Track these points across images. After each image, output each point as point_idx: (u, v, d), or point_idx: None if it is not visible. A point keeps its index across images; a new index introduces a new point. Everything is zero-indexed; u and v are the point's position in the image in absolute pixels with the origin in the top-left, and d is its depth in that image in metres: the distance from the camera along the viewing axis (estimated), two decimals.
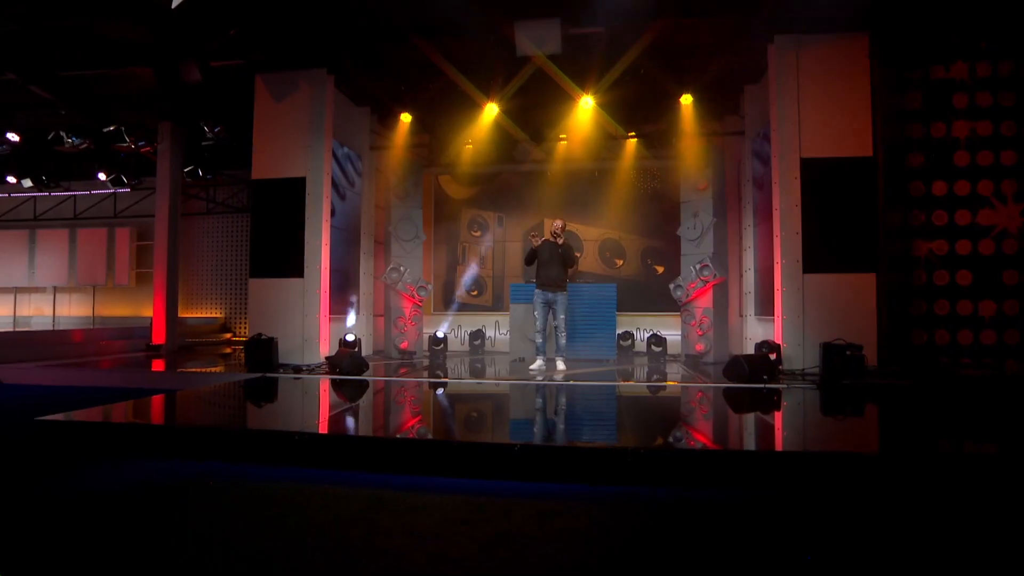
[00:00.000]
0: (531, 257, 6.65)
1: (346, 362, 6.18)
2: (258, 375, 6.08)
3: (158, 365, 7.35)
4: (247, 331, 7.46)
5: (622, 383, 5.81)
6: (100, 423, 3.54)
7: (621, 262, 9.41)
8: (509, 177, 9.51)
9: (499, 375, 6.90)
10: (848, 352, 5.47)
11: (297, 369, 6.41)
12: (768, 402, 4.91)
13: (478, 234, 9.81)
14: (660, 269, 9.29)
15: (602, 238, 9.46)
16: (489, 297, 9.74)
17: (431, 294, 8.69)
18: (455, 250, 9.81)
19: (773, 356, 6.03)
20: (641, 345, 8.78)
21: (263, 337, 6.72)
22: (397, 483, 3.02)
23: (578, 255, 9.21)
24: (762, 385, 5.30)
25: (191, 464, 3.33)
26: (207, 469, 3.25)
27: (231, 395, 5.28)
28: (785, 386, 5.30)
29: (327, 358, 6.89)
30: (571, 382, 5.87)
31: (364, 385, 5.84)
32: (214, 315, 11.61)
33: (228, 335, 11.35)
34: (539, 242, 6.53)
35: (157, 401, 4.62)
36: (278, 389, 5.59)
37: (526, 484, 3.00)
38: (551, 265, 6.59)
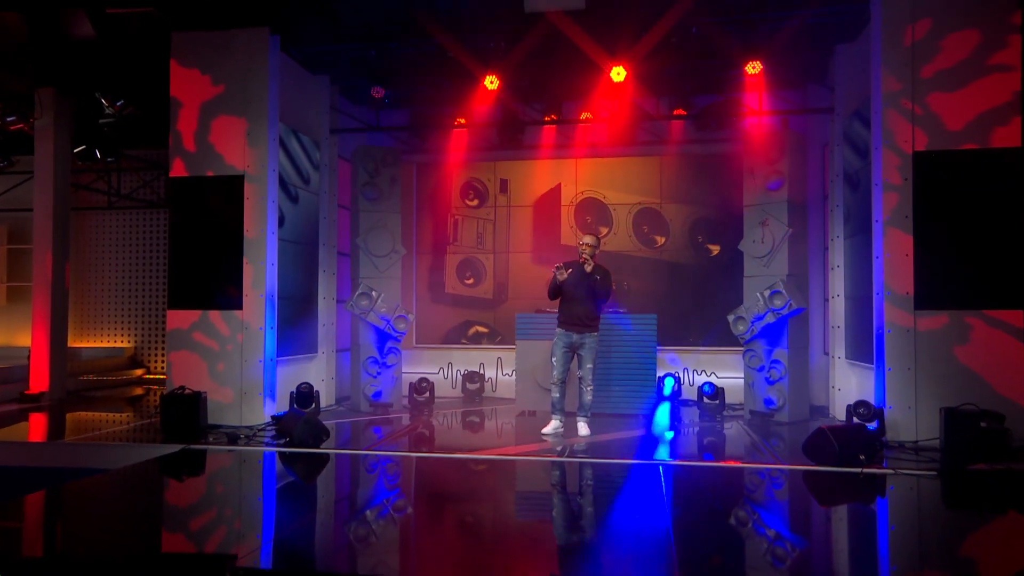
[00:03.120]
0: (557, 291, 6.55)
1: (299, 429, 6.06)
2: (178, 447, 5.96)
3: (36, 428, 7.22)
4: (165, 366, 7.33)
5: (666, 462, 5.70)
6: None
7: (663, 239, 9.32)
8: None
9: (503, 439, 6.82)
10: (983, 423, 5.30)
11: (233, 437, 6.29)
12: (868, 500, 4.78)
13: (475, 203, 9.70)
14: (715, 249, 9.17)
15: (637, 208, 9.36)
16: (489, 287, 9.66)
17: (412, 325, 8.56)
18: (444, 229, 9.73)
19: (872, 423, 5.90)
20: (689, 391, 8.65)
21: (186, 392, 6.60)
22: None
23: (606, 233, 9.06)
24: (858, 470, 5.16)
25: None
26: None
27: (137, 489, 5.17)
28: (891, 471, 5.16)
29: (274, 418, 6.80)
30: (597, 459, 5.77)
31: (322, 463, 5.75)
32: (119, 344, 11.48)
33: (140, 372, 11.23)
34: (565, 275, 6.39)
35: (33, 507, 4.48)
36: (205, 474, 5.49)
37: None
38: (578, 298, 6.44)
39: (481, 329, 9.63)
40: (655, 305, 8.94)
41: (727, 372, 8.75)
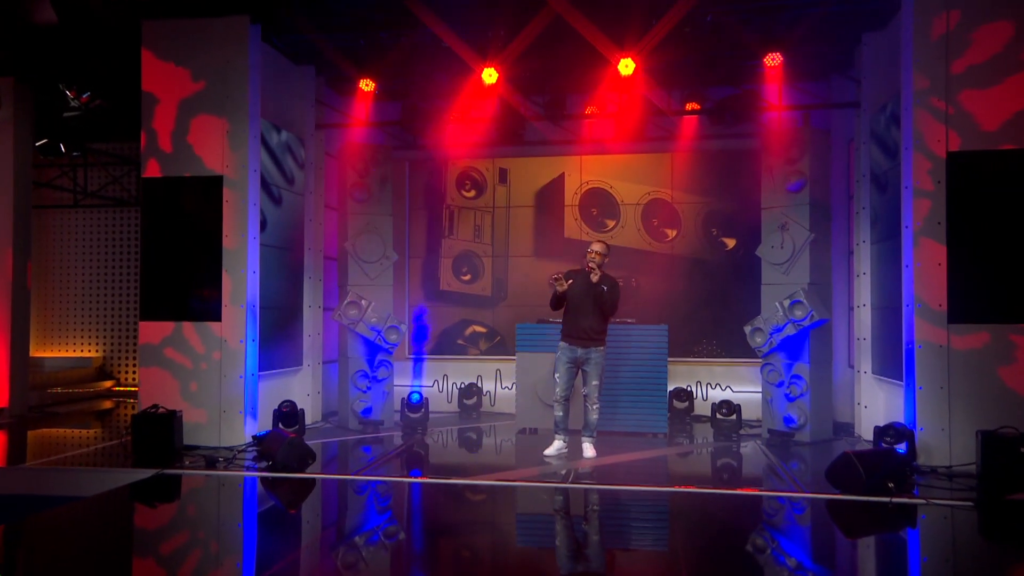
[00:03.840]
0: (559, 301, 6.51)
1: (282, 451, 6.02)
2: (151, 472, 5.92)
3: None
4: (136, 377, 7.28)
5: (677, 488, 5.68)
6: None
7: (674, 232, 9.29)
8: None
9: (501, 461, 6.85)
10: (1023, 448, 5.30)
11: (211, 461, 6.25)
12: (898, 535, 4.75)
13: (471, 194, 9.67)
14: (730, 243, 9.16)
15: (647, 199, 9.35)
16: (487, 284, 9.62)
17: (404, 336, 8.53)
18: (439, 222, 9.69)
19: (902, 446, 5.88)
20: (702, 406, 8.64)
21: (160, 411, 6.56)
22: None
23: (613, 226, 9.03)
24: (887, 498, 5.13)
25: None
26: None
27: (107, 522, 5.12)
28: (923, 501, 5.13)
29: (255, 438, 6.79)
30: (604, 485, 5.73)
31: (307, 489, 5.73)
32: (86, 354, 11.45)
33: (109, 384, 11.21)
34: (565, 287, 6.35)
35: None
36: (180, 505, 5.46)
37: None
38: (583, 310, 6.40)
39: (479, 329, 9.59)
40: (665, 306, 8.97)
41: (743, 386, 8.74)
